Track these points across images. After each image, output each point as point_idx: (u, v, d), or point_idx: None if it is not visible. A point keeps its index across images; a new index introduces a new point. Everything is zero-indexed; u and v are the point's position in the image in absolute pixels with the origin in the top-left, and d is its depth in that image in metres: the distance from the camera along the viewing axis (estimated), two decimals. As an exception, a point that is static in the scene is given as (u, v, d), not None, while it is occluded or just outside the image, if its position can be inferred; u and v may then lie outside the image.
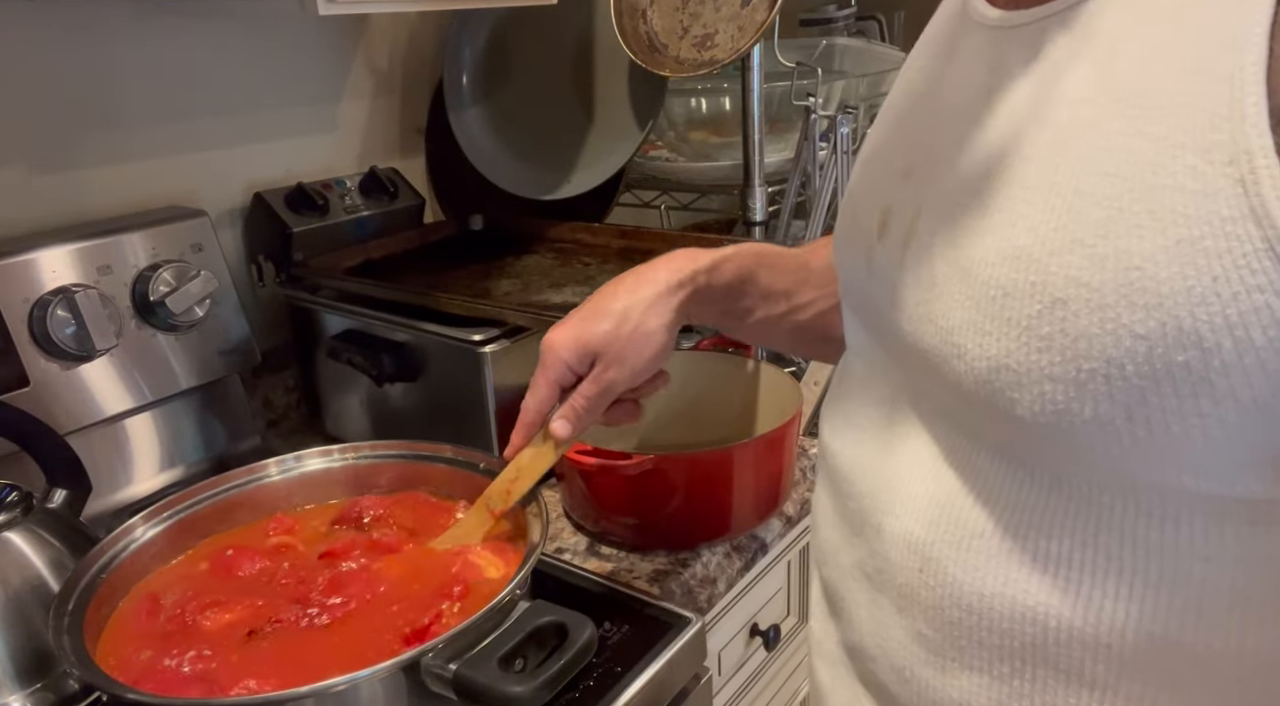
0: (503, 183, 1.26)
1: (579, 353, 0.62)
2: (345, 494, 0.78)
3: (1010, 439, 0.38)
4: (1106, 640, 0.36)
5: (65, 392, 0.89)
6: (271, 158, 1.17)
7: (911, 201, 0.43)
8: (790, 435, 0.86)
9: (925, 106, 0.45)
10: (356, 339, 1.01)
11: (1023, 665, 0.38)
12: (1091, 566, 0.36)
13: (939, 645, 0.42)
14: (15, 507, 0.70)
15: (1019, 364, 0.34)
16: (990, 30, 0.41)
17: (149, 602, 0.66)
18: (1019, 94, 0.37)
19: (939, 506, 0.41)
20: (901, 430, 0.45)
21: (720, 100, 1.37)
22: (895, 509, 0.44)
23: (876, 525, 0.45)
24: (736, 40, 1.04)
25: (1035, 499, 0.37)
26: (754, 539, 0.88)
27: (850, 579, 0.49)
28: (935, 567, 0.41)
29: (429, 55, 1.32)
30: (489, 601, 0.56)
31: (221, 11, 1.08)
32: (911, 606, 0.43)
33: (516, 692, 0.52)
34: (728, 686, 0.96)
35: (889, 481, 0.45)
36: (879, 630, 0.46)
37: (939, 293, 0.39)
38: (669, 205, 1.46)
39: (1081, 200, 0.33)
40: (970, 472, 0.40)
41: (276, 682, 0.56)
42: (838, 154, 1.20)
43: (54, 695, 0.67)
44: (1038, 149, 0.36)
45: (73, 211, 0.99)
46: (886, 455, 0.46)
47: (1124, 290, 0.31)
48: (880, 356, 0.48)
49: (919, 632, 0.43)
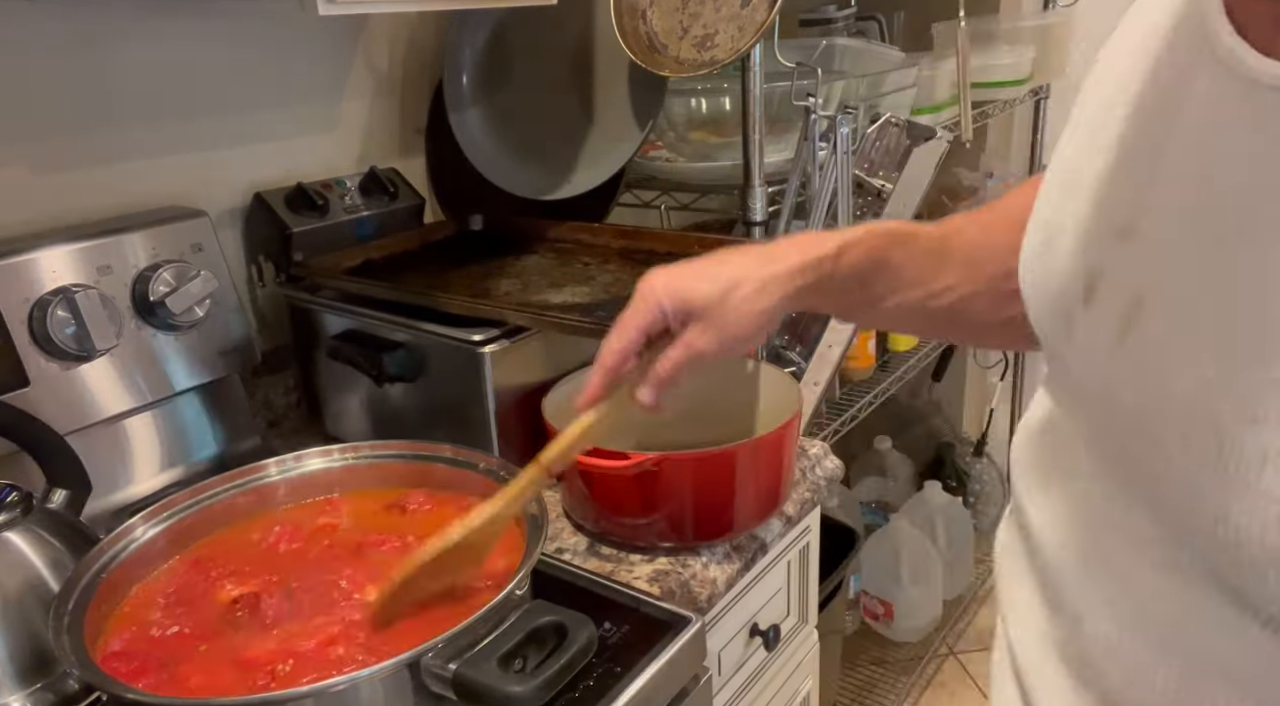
0: (503, 183, 1.26)
1: (678, 304, 0.58)
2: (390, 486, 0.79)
3: (1251, 587, 0.32)
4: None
5: (65, 392, 0.89)
6: (271, 158, 1.17)
7: (1130, 277, 0.36)
8: (790, 435, 0.86)
9: (1151, 156, 0.37)
10: (356, 339, 1.01)
11: None
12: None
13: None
14: (15, 507, 0.70)
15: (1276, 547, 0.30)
16: (1267, 90, 0.32)
17: (193, 564, 0.69)
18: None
19: (1152, 624, 0.37)
20: (1107, 511, 0.40)
21: (720, 100, 1.37)
22: (1097, 608, 0.39)
23: (1076, 615, 0.40)
24: (736, 40, 1.04)
25: (1260, 636, 0.33)
26: (754, 539, 0.88)
27: (1036, 650, 0.44)
28: (1138, 692, 0.37)
29: (429, 55, 1.32)
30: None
31: (222, 11, 1.08)
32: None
33: (516, 692, 0.52)
34: (728, 686, 0.96)
35: (1090, 568, 0.40)
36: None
37: (1168, 425, 0.33)
38: (669, 205, 1.46)
39: None
40: (1195, 595, 0.35)
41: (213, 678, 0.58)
42: (838, 154, 1.20)
43: (54, 695, 0.67)
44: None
45: (73, 211, 0.99)
46: (1088, 533, 0.41)
47: None
48: (1068, 415, 0.44)
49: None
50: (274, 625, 0.64)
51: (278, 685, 0.58)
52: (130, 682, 0.57)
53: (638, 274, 1.09)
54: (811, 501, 0.97)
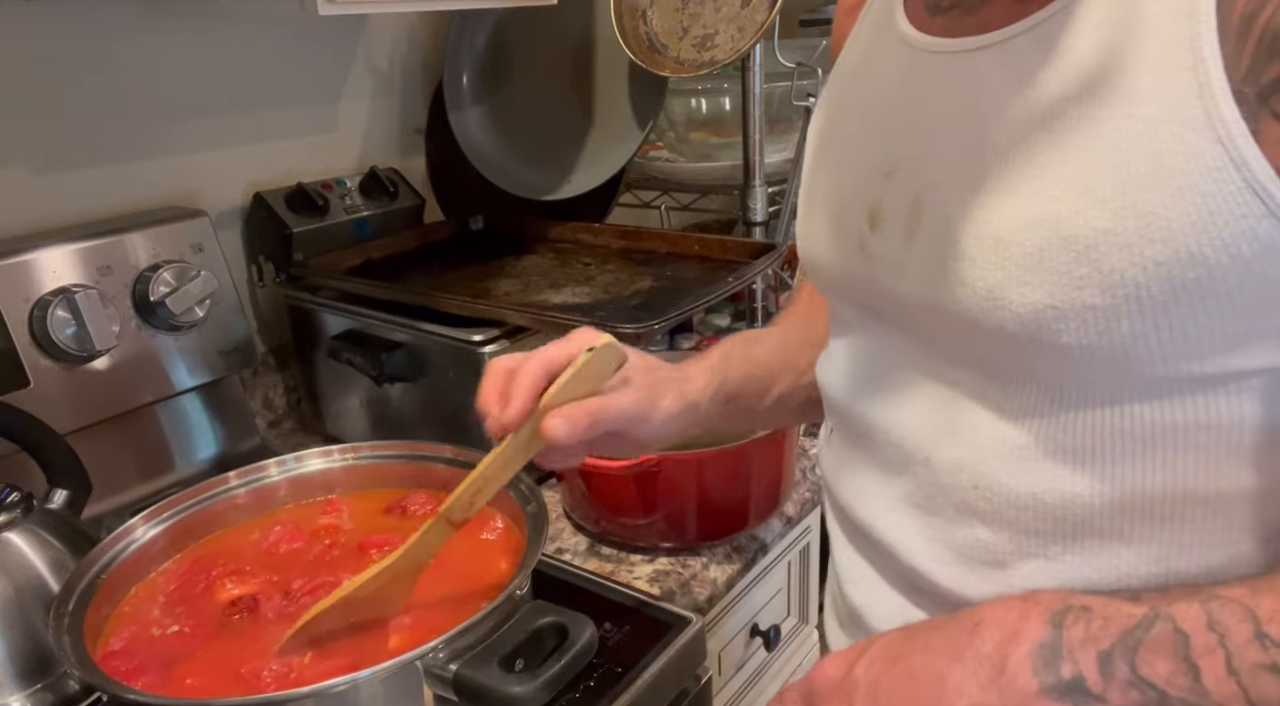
0: (503, 183, 1.26)
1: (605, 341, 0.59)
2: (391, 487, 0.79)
3: (1046, 367, 0.46)
4: (1139, 504, 0.45)
5: (65, 392, 0.89)
6: (271, 158, 1.17)
7: (905, 196, 0.51)
8: (790, 435, 0.86)
9: (893, 119, 0.53)
10: (356, 339, 1.01)
11: (1073, 540, 0.47)
12: (1120, 453, 0.45)
13: (997, 544, 0.49)
14: (15, 508, 0.70)
15: (1062, 302, 0.42)
16: (949, 55, 0.49)
17: (193, 564, 0.69)
18: (1004, 98, 0.46)
19: (981, 435, 0.49)
20: (923, 383, 0.53)
21: (720, 100, 1.37)
22: (940, 443, 0.51)
23: (924, 459, 0.52)
24: (736, 40, 1.04)
25: (1066, 412, 0.46)
26: (754, 539, 0.88)
27: (891, 513, 0.55)
28: (990, 482, 0.49)
29: (429, 55, 1.32)
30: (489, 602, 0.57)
31: (222, 11, 1.08)
32: (968, 518, 0.50)
33: (516, 693, 0.52)
34: (728, 686, 0.96)
35: (928, 421, 0.52)
36: (933, 548, 0.52)
37: (969, 262, 0.46)
38: (669, 205, 1.46)
39: (1095, 171, 0.42)
40: (1003, 403, 0.48)
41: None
42: (838, 154, 1.19)
43: (54, 695, 0.67)
44: (1040, 139, 0.44)
45: (73, 211, 0.99)
46: (918, 402, 0.53)
47: (1143, 231, 0.40)
48: (879, 328, 0.56)
49: (978, 539, 0.50)
50: (274, 624, 0.64)
51: (276, 685, 0.58)
52: (129, 682, 0.58)
53: (638, 274, 1.10)
54: (812, 501, 0.97)
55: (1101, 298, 0.41)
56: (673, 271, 1.09)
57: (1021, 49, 0.45)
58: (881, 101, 0.55)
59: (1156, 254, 0.40)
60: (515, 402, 0.55)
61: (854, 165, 0.56)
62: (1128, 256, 0.41)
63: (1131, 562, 0.46)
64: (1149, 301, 0.41)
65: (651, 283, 1.06)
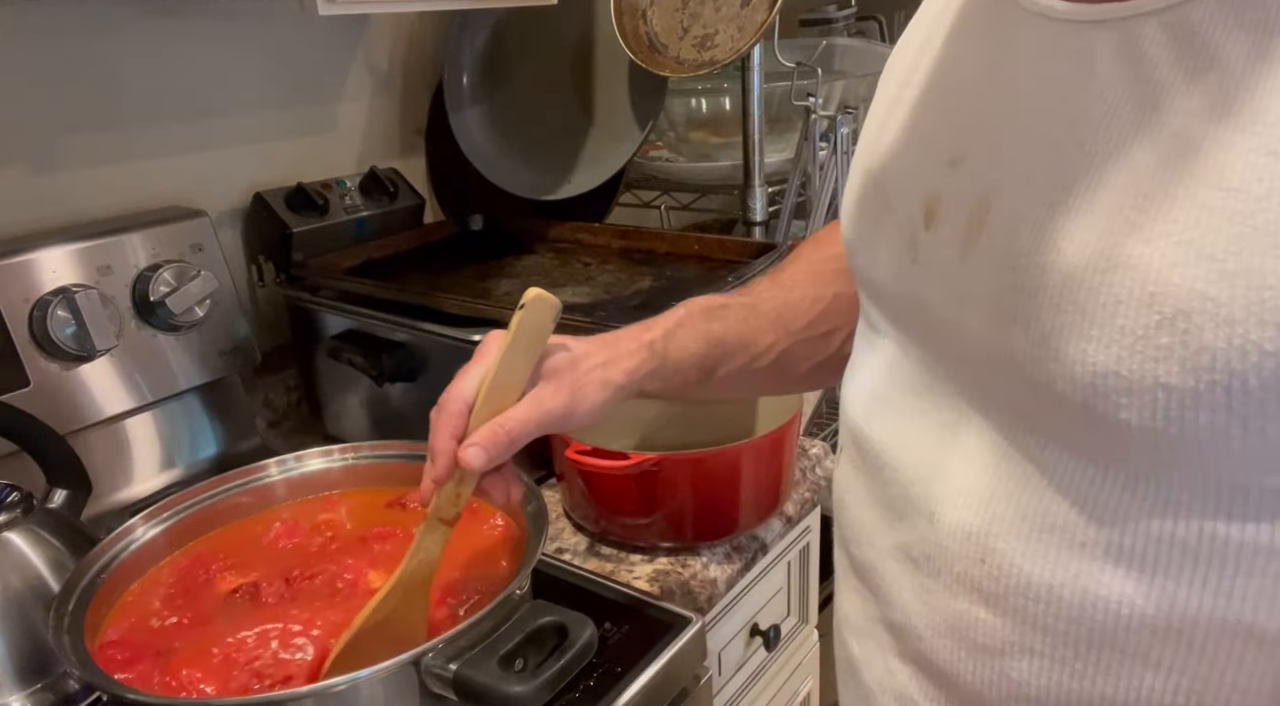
0: (503, 183, 1.26)
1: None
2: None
3: (1097, 440, 0.37)
4: (1178, 626, 0.37)
5: (65, 392, 0.89)
6: (271, 158, 1.17)
7: (970, 193, 0.42)
8: (790, 435, 0.86)
9: (976, 95, 0.43)
10: (356, 339, 1.01)
11: (1088, 649, 0.39)
12: (1166, 560, 0.36)
13: (998, 629, 0.42)
14: (15, 507, 0.70)
15: (1130, 372, 0.34)
16: (1059, 23, 0.39)
17: (194, 559, 0.69)
18: (1115, 95, 0.36)
19: (1002, 500, 0.41)
20: (951, 420, 0.45)
21: (720, 100, 1.37)
22: (953, 499, 0.44)
23: (929, 513, 0.45)
24: (736, 40, 1.04)
25: (1109, 495, 0.38)
26: (754, 539, 0.88)
27: (890, 560, 0.48)
28: (1000, 558, 0.41)
29: (429, 55, 1.32)
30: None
31: (221, 11, 1.08)
32: (970, 593, 0.43)
33: (516, 692, 0.52)
34: (728, 686, 0.96)
35: (941, 471, 0.45)
36: (928, 612, 0.46)
37: (1026, 295, 0.38)
38: (669, 205, 1.47)
39: (1207, 215, 0.33)
40: (1037, 467, 0.40)
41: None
42: (838, 154, 1.20)
43: (54, 695, 0.67)
44: (1146, 156, 0.35)
45: (73, 211, 0.99)
46: (936, 445, 0.45)
47: (1254, 307, 0.31)
48: (908, 344, 0.48)
49: (976, 618, 0.43)
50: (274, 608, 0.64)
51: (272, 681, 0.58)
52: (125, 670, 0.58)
53: (638, 274, 1.10)
54: (812, 501, 0.97)
55: (1182, 378, 0.33)
56: (673, 271, 1.09)
57: (1147, 36, 0.35)
58: (957, 66, 0.45)
59: (1267, 340, 0.31)
60: (438, 462, 0.55)
61: (915, 143, 0.47)
62: (1227, 335, 0.32)
63: (1155, 688, 0.38)
64: (1243, 395, 0.32)
65: (651, 282, 1.06)
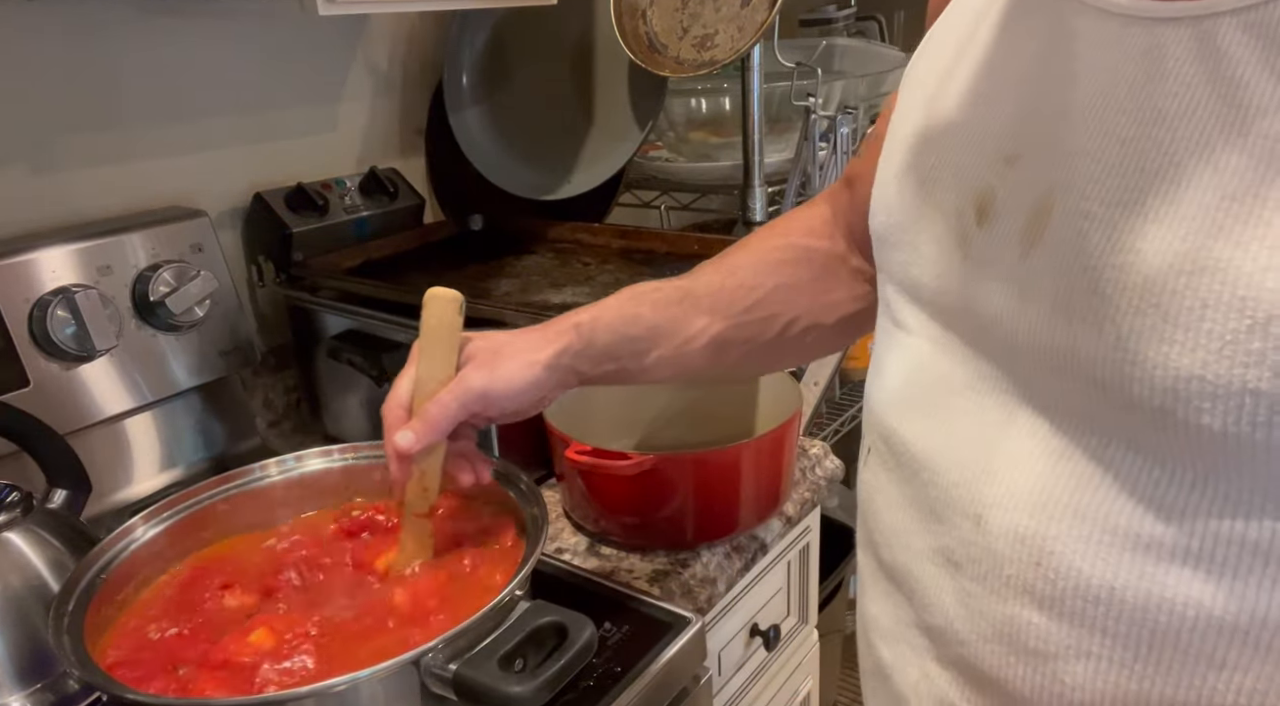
0: (503, 183, 1.26)
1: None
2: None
3: (1169, 442, 0.36)
4: (1246, 626, 0.36)
5: (65, 392, 0.89)
6: (271, 158, 1.17)
7: (1030, 191, 0.41)
8: (790, 435, 0.86)
9: (1030, 92, 0.42)
10: (356, 339, 1.01)
11: (1149, 650, 0.38)
12: (1236, 560, 0.36)
13: (1052, 633, 0.41)
14: (15, 507, 0.70)
15: (1216, 377, 0.34)
16: (1123, 18, 0.38)
17: (195, 569, 0.70)
18: (1192, 94, 0.35)
19: (1059, 501, 0.40)
20: (998, 420, 0.44)
21: (720, 100, 1.37)
22: (1001, 502, 0.42)
23: (974, 516, 0.44)
24: (736, 40, 1.04)
25: (1176, 495, 0.37)
26: (754, 539, 0.88)
27: (927, 563, 0.47)
28: (1056, 562, 0.40)
29: (429, 55, 1.32)
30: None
31: (221, 11, 1.08)
32: (1021, 597, 0.42)
33: (516, 692, 0.52)
34: (728, 686, 0.96)
35: (987, 472, 0.43)
36: (971, 616, 0.44)
37: (1101, 297, 0.37)
38: (669, 205, 1.47)
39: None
40: (1099, 467, 0.39)
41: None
42: (837, 154, 1.20)
43: (54, 695, 0.67)
44: (1232, 156, 0.34)
45: (73, 211, 0.99)
46: (981, 446, 0.44)
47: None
48: (954, 346, 0.47)
49: (1029, 622, 0.42)
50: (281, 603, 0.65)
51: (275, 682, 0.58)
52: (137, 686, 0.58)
53: (638, 274, 1.10)
54: (811, 501, 0.97)
55: (1273, 383, 0.32)
56: (673, 271, 1.08)
57: (1225, 35, 0.34)
58: (1015, 60, 0.44)
59: None
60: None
61: (965, 139, 0.46)
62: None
63: (1216, 689, 0.37)
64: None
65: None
